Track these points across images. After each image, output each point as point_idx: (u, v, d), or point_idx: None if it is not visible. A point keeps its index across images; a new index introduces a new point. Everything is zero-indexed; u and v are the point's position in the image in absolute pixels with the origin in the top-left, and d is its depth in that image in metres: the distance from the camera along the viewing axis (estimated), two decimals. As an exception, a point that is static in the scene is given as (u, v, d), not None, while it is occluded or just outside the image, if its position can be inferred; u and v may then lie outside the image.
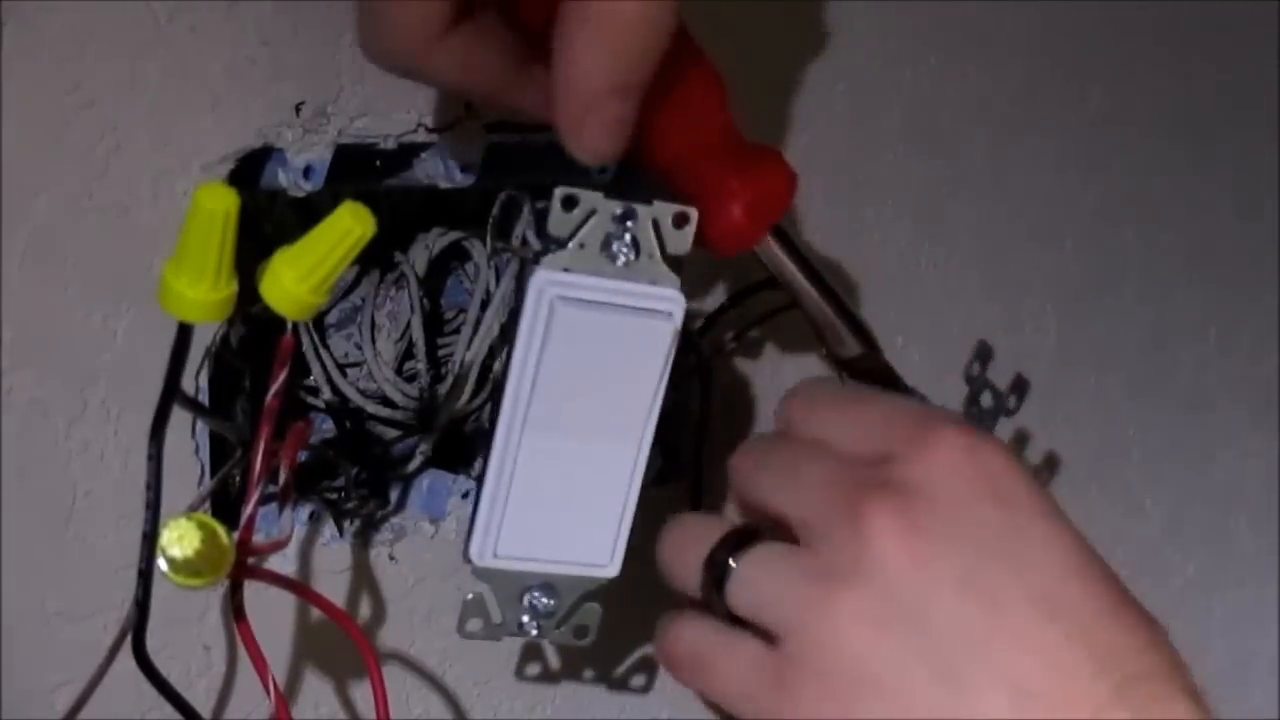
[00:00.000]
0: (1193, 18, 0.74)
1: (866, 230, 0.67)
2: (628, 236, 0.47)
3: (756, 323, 0.61)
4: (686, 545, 0.49)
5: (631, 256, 0.47)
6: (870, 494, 0.45)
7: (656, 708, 0.67)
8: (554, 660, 0.63)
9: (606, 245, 0.47)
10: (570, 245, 0.47)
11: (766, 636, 0.46)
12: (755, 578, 0.47)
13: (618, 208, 0.47)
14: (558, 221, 0.47)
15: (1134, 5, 0.72)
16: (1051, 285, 0.74)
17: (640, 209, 0.47)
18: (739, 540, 0.48)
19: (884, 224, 0.67)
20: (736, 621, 0.47)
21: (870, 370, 0.56)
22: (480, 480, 0.49)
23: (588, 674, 0.64)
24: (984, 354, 0.56)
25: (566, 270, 0.47)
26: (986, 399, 0.55)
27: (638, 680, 0.66)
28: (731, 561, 0.47)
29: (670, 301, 0.48)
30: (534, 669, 0.63)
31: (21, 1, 0.48)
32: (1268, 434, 0.85)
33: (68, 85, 0.49)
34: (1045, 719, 0.42)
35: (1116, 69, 0.73)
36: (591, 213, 0.47)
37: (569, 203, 0.46)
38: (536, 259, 0.47)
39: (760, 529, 0.48)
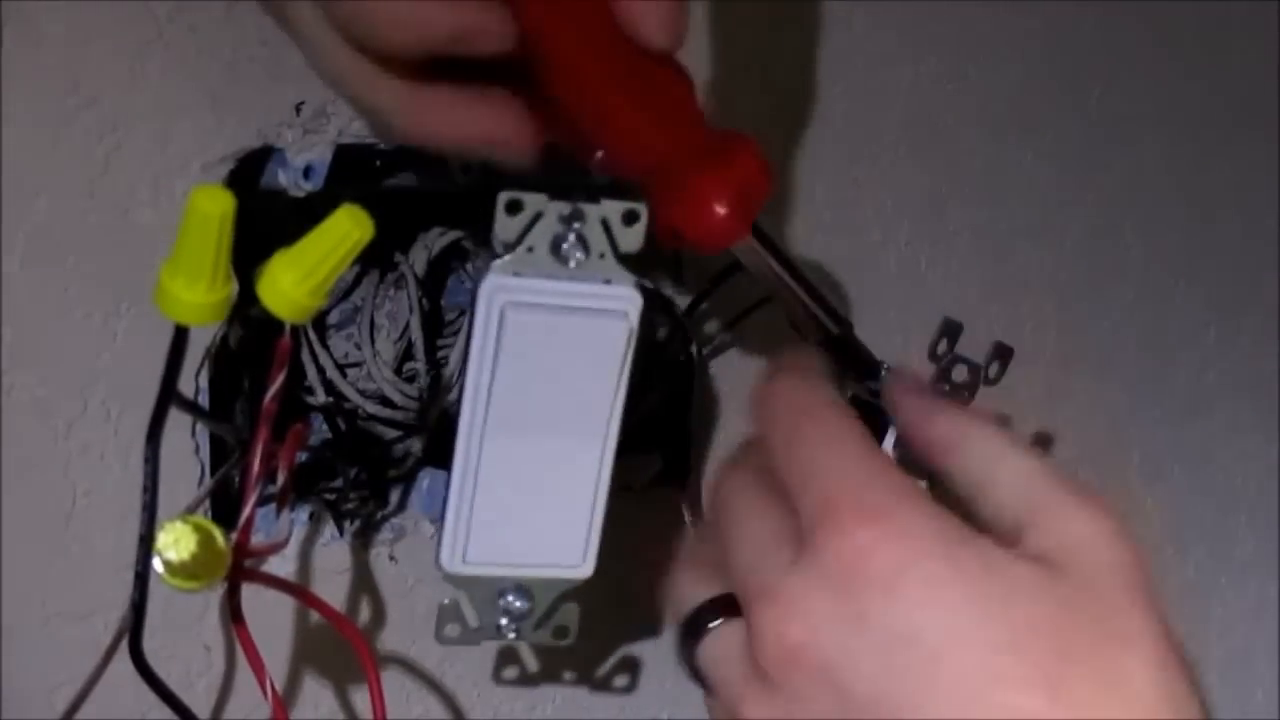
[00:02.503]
0: (1193, 18, 0.74)
1: (866, 230, 0.67)
2: (577, 237, 0.46)
3: (753, 308, 0.61)
4: (686, 583, 0.47)
5: (582, 257, 0.47)
6: (758, 607, 0.41)
7: (656, 707, 0.67)
8: (533, 662, 0.64)
9: (556, 247, 0.46)
10: (519, 249, 0.46)
11: None
12: (710, 660, 0.45)
13: (564, 208, 0.46)
14: (504, 226, 0.46)
15: (1134, 6, 0.72)
16: (1051, 285, 0.74)
17: (588, 208, 0.46)
18: (714, 610, 0.46)
19: (884, 224, 0.67)
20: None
21: (841, 341, 0.54)
22: (446, 486, 0.49)
23: (569, 675, 0.64)
24: (951, 330, 0.53)
25: (516, 275, 0.46)
26: (960, 374, 0.52)
27: (621, 680, 0.66)
28: (709, 624, 0.45)
29: (625, 300, 0.47)
30: (512, 672, 0.63)
31: (21, 1, 0.48)
32: (1268, 434, 0.85)
33: (68, 85, 0.49)
34: None
35: (1116, 69, 0.73)
36: (538, 215, 0.46)
37: (513, 207, 0.46)
38: (485, 265, 0.46)
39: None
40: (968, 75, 0.68)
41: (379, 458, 0.60)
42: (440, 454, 0.61)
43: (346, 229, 0.40)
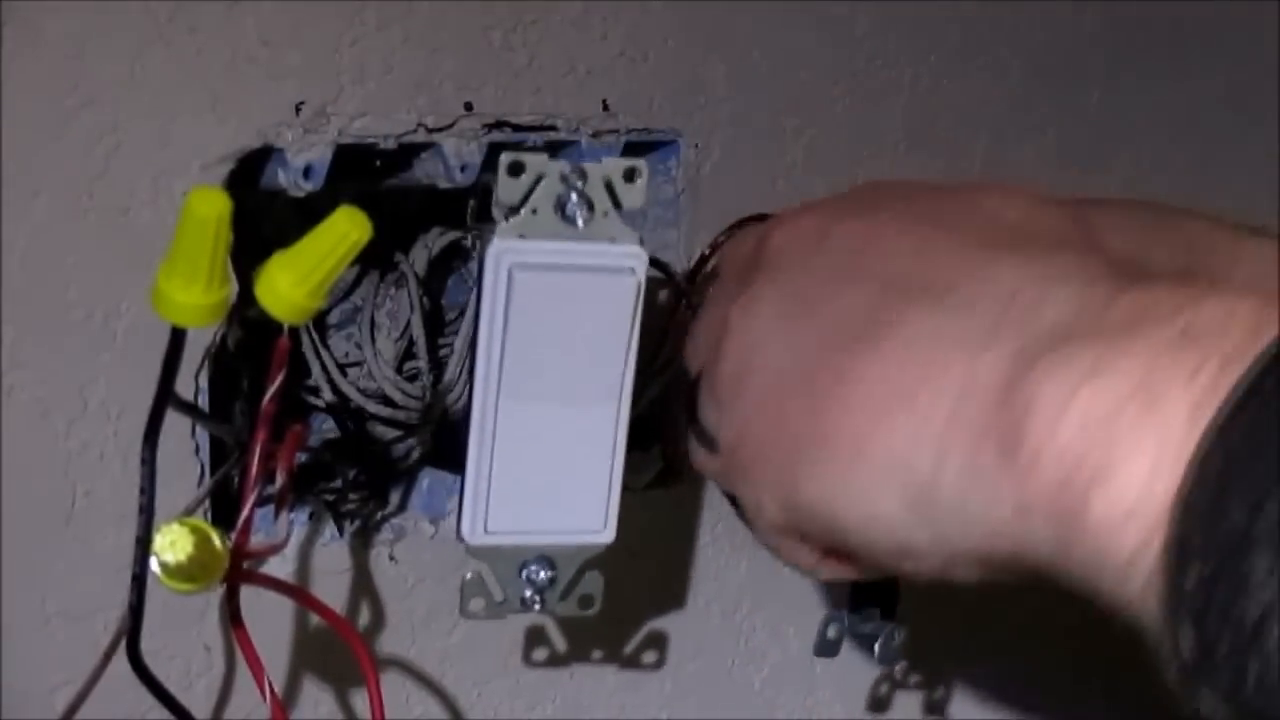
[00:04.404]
0: (1193, 18, 0.74)
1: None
2: (579, 197, 0.46)
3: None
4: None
5: (587, 216, 0.47)
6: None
7: (656, 707, 0.67)
8: (560, 643, 0.64)
9: (560, 207, 0.46)
10: (523, 211, 0.46)
11: None
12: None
13: (566, 168, 0.46)
14: (507, 188, 0.46)
15: (1134, 6, 0.72)
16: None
17: (589, 167, 0.47)
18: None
19: (884, 224, 0.67)
20: None
21: None
22: (464, 458, 0.49)
23: (596, 654, 0.65)
24: None
25: (522, 237, 0.46)
26: None
27: (649, 657, 0.66)
28: None
29: (631, 257, 0.47)
30: (542, 654, 0.63)
31: (21, 1, 0.48)
32: (1268, 434, 0.84)
33: (68, 85, 0.49)
34: None
35: (1116, 69, 0.72)
36: (540, 176, 0.46)
37: (515, 168, 0.46)
38: (491, 229, 0.47)
39: None
40: (968, 75, 0.68)
41: (379, 458, 0.60)
42: (441, 454, 0.61)
43: (344, 230, 0.40)
